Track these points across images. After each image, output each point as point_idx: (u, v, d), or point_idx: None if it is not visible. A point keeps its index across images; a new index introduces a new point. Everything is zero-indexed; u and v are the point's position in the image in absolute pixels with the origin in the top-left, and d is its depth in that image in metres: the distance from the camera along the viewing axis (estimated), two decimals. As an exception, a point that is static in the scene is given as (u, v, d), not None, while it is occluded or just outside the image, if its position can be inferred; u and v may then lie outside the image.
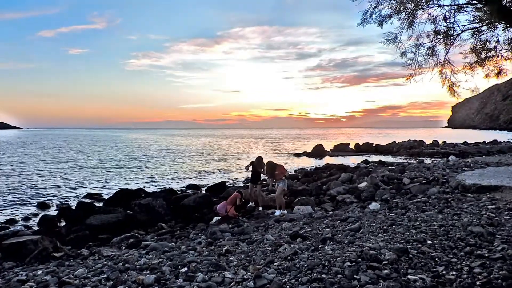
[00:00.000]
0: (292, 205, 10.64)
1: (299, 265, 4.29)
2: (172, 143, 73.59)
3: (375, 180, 12.49)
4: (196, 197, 12.29)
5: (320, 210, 9.84)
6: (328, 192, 12.51)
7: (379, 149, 41.17)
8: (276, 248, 5.38)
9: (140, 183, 19.94)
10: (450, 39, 7.24)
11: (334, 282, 3.70)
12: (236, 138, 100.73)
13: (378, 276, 3.79)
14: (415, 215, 6.84)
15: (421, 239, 5.04)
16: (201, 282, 4.02)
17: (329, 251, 4.77)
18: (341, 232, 6.18)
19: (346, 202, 10.73)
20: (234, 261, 4.96)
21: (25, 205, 14.43)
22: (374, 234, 5.70)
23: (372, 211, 8.07)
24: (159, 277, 4.23)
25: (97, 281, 4.42)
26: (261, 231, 7.61)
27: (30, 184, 19.52)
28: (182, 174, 24.50)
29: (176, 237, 7.96)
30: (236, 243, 6.21)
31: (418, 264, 4.13)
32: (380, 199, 10.05)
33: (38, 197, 16.03)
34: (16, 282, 4.78)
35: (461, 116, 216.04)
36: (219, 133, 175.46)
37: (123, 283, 4.16)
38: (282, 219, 8.60)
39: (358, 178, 15.30)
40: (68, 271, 5.16)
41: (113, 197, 13.87)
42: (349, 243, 5.21)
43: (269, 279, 3.88)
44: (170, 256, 5.53)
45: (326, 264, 4.24)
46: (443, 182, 10.86)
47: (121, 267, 4.94)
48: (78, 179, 21.76)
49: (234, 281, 4.00)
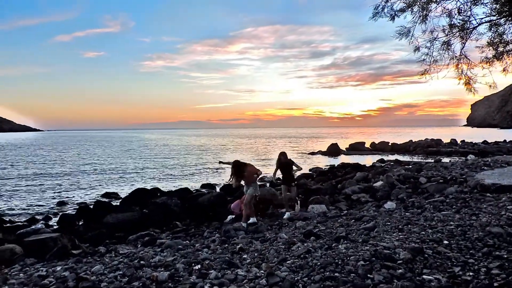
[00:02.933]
0: (306, 204, 10.60)
1: (312, 264, 4.29)
2: (186, 143, 74.21)
3: (391, 179, 12.33)
4: (210, 196, 12.36)
5: (334, 209, 9.78)
6: (343, 191, 12.42)
7: (395, 148, 40.60)
8: (290, 247, 5.38)
9: (155, 183, 20.18)
10: (466, 33, 7.06)
11: (347, 280, 3.68)
12: (251, 138, 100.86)
13: (392, 276, 3.76)
14: (432, 214, 6.74)
15: (437, 239, 4.97)
16: (214, 279, 4.06)
17: (343, 250, 4.75)
18: (355, 231, 6.13)
19: (361, 201, 10.63)
20: (247, 259, 4.98)
21: (45, 204, 14.79)
22: (389, 233, 5.64)
23: (387, 210, 7.98)
24: (173, 274, 4.29)
25: (113, 277, 4.51)
26: (274, 229, 7.61)
27: (50, 184, 19.99)
28: (197, 173, 24.69)
29: (191, 235, 8.03)
30: (249, 241, 6.23)
31: (434, 264, 4.07)
32: (395, 198, 9.92)
33: (58, 196, 16.41)
34: (37, 277, 4.91)
35: (481, 114, 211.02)
36: (234, 133, 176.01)
37: (138, 280, 4.23)
38: (296, 218, 8.58)
39: (373, 177, 15.13)
40: (86, 267, 5.27)
41: (129, 196, 14.09)
42: (363, 242, 5.17)
43: (281, 277, 3.88)
44: (184, 254, 5.59)
45: (339, 263, 4.22)
46: (461, 181, 10.65)
47: (136, 264, 5.02)
48: (96, 179, 22.17)
49: (246, 279, 4.02)
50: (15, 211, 13.54)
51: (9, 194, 16.84)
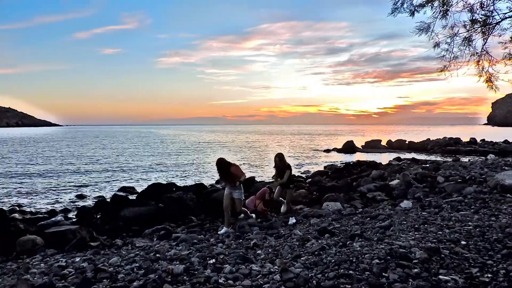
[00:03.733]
0: (321, 201, 10.56)
1: (326, 261, 4.29)
2: (202, 139, 74.70)
3: (408, 178, 12.16)
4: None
5: (349, 207, 9.72)
6: (358, 189, 12.31)
7: (412, 146, 39.96)
8: (304, 243, 5.38)
9: (171, 178, 20.43)
10: (488, 28, 6.86)
11: (361, 278, 3.67)
12: (266, 134, 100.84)
13: (408, 275, 3.72)
14: (449, 214, 6.64)
15: (454, 239, 4.89)
16: (229, 273, 4.10)
17: (357, 248, 4.73)
18: (370, 229, 6.10)
19: (377, 200, 10.53)
20: (261, 254, 5.01)
21: (64, 197, 15.16)
22: (405, 232, 5.58)
23: (403, 209, 7.89)
24: (188, 267, 4.35)
25: (130, 269, 4.61)
26: (289, 226, 7.62)
27: (69, 178, 20.45)
28: (212, 169, 24.84)
29: (205, 230, 8.11)
30: (263, 237, 6.26)
31: (451, 265, 4.02)
32: (412, 197, 9.79)
33: (76, 189, 16.78)
34: (56, 268, 5.06)
35: (502, 113, 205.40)
36: (249, 129, 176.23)
37: (154, 272, 4.30)
38: (311, 215, 8.56)
39: (389, 175, 14.95)
40: (103, 259, 5.39)
41: (145, 190, 14.29)
42: (378, 240, 5.14)
43: (295, 273, 3.90)
44: (199, 248, 5.66)
45: (353, 261, 4.21)
46: (481, 181, 10.43)
47: (152, 257, 5.11)
48: (113, 173, 22.57)
49: (261, 274, 4.05)
50: (36, 203, 13.92)
51: (30, 187, 17.32)
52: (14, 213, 12.01)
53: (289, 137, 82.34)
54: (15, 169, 24.20)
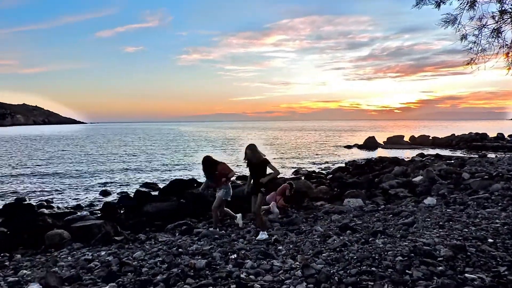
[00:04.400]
0: (342, 198, 10.47)
1: (348, 257, 4.26)
2: (222, 135, 75.14)
3: (432, 174, 11.90)
4: (246, 188, 12.48)
5: (371, 203, 9.59)
6: (380, 186, 12.14)
7: (436, 142, 39.05)
8: (325, 239, 5.36)
9: (193, 174, 20.66)
10: (518, 19, 6.62)
11: (384, 275, 3.62)
12: (286, 130, 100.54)
13: (432, 273, 3.66)
14: (475, 211, 6.48)
15: (481, 237, 4.77)
16: (250, 268, 4.13)
17: (380, 245, 4.68)
18: (393, 226, 6.01)
19: (399, 196, 10.36)
20: (282, 250, 5.02)
21: (89, 192, 15.58)
22: (429, 229, 5.48)
23: (427, 206, 7.74)
24: (210, 262, 4.41)
25: (153, 263, 4.70)
26: (310, 222, 7.60)
27: (94, 174, 20.98)
28: (233, 165, 24.96)
29: (226, 226, 8.17)
30: (284, 233, 6.27)
31: (477, 263, 3.92)
32: (436, 194, 9.58)
33: (101, 186, 17.21)
34: (83, 261, 5.22)
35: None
36: (269, 126, 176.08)
37: (176, 266, 4.38)
38: (332, 211, 8.50)
39: (412, 171, 14.67)
40: (128, 253, 5.52)
41: (167, 186, 14.52)
42: (402, 237, 5.06)
43: (317, 269, 3.89)
44: (220, 243, 5.72)
45: (376, 258, 4.17)
46: (508, 178, 10.11)
47: (175, 252, 5.20)
48: (136, 170, 23.02)
49: (282, 270, 4.06)
50: (63, 199, 14.36)
51: (57, 184, 17.88)
52: (42, 208, 12.42)
53: (310, 133, 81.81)
54: (42, 165, 25.02)
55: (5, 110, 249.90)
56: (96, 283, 4.14)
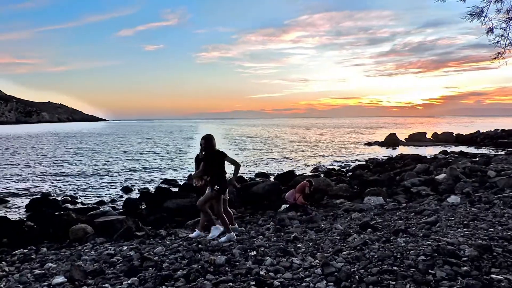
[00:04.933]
0: (362, 196, 10.34)
1: (369, 256, 4.20)
2: (240, 132, 75.35)
3: (455, 172, 11.61)
4: (265, 185, 12.50)
5: (392, 201, 9.44)
6: (402, 183, 11.93)
7: (460, 139, 38.04)
8: (345, 238, 5.31)
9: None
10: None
11: (406, 275, 3.56)
12: (305, 128, 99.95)
13: (456, 273, 3.57)
14: (502, 211, 6.28)
15: (508, 237, 4.62)
16: (270, 265, 4.12)
17: (402, 244, 4.59)
18: (415, 225, 5.89)
19: (422, 195, 10.15)
20: (302, 248, 4.99)
21: (112, 189, 15.92)
22: (453, 228, 5.35)
23: (450, 205, 7.55)
24: (229, 259, 4.43)
25: (174, 259, 4.76)
26: (329, 220, 7.54)
27: (116, 171, 21.43)
28: (251, 162, 25.02)
29: (246, 223, 8.20)
30: (304, 230, 6.23)
31: (504, 264, 3.80)
32: (460, 192, 9.34)
33: (123, 182, 17.56)
34: (106, 255, 5.33)
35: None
36: (288, 123, 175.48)
37: (197, 262, 4.42)
38: (352, 209, 8.41)
39: (435, 169, 14.34)
40: (149, 248, 5.61)
41: (187, 183, 14.68)
42: (424, 236, 4.96)
43: (337, 268, 3.85)
44: (239, 240, 5.74)
45: (398, 257, 4.09)
46: (537, 175, 9.75)
47: (195, 248, 5.25)
48: (156, 167, 23.37)
49: (301, 267, 4.04)
50: (86, 195, 14.72)
51: (81, 180, 18.35)
52: (67, 203, 12.80)
53: (329, 130, 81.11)
54: (67, 162, 25.72)
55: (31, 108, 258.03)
56: (118, 277, 4.22)
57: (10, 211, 11.70)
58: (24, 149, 37.62)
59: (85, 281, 4.17)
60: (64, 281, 4.17)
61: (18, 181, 17.59)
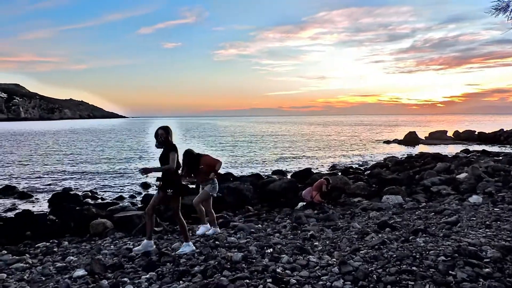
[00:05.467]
0: (381, 194, 10.20)
1: (387, 255, 4.14)
2: (258, 130, 75.38)
3: (477, 171, 11.31)
4: (282, 183, 12.47)
5: (411, 200, 9.28)
6: (421, 182, 11.71)
7: (482, 137, 37.03)
8: (363, 237, 5.25)
9: (228, 168, 20.89)
10: None
11: (425, 276, 3.49)
12: (323, 125, 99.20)
13: (478, 274, 3.48)
14: (526, 211, 6.09)
15: (532, 238, 4.48)
16: (286, 263, 4.12)
17: (421, 244, 4.52)
18: (435, 224, 5.78)
19: (442, 194, 9.94)
20: (318, 246, 4.97)
21: (131, 184, 16.19)
22: (474, 229, 5.23)
23: (472, 205, 7.37)
24: (246, 256, 4.44)
25: (191, 254, 4.81)
26: (347, 218, 7.46)
27: (135, 166, 21.77)
28: (268, 159, 25.00)
29: (262, 220, 8.20)
30: (321, 229, 6.19)
31: (528, 265, 3.68)
32: (482, 192, 9.10)
33: (141, 178, 17.82)
34: (124, 250, 5.43)
35: None
36: (306, 120, 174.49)
37: (213, 258, 4.45)
38: (370, 208, 8.30)
39: (456, 168, 14.02)
40: (166, 244, 5.69)
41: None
42: (444, 236, 4.87)
43: (354, 267, 3.81)
44: (256, 237, 5.75)
45: (417, 257, 4.03)
46: None
47: (211, 244, 5.29)
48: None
49: (318, 265, 4.02)
50: (106, 190, 15.02)
51: (101, 175, 18.74)
52: (87, 198, 13.09)
53: (347, 128, 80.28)
54: (87, 158, 26.28)
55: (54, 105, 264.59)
56: (137, 272, 4.30)
57: (33, 206, 12.05)
58: (47, 145, 38.67)
59: (105, 275, 4.26)
60: (84, 274, 4.27)
61: (41, 177, 18.08)
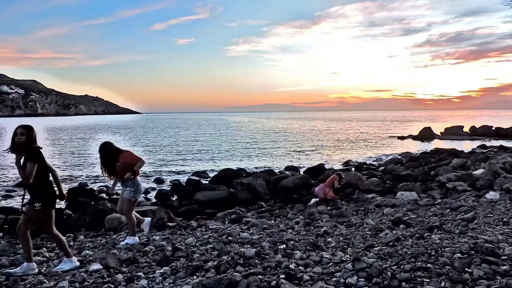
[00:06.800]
0: (395, 191, 10.09)
1: (402, 252, 4.10)
2: (270, 126, 75.30)
3: (495, 167, 11.08)
4: (295, 179, 12.45)
5: (426, 197, 9.15)
6: (437, 179, 11.53)
7: (500, 132, 36.27)
8: (377, 233, 5.20)
9: (241, 163, 20.95)
10: None
11: (441, 273, 3.44)
12: (336, 121, 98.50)
13: (495, 272, 3.42)
14: (546, 208, 5.95)
15: (552, 236, 4.37)
16: (299, 259, 4.11)
17: (437, 240, 4.45)
18: (451, 221, 5.69)
19: (458, 190, 9.77)
20: (332, 242, 4.94)
21: (144, 180, 16.37)
22: (491, 226, 5.13)
23: (489, 201, 7.23)
24: (259, 251, 4.45)
25: (204, 250, 4.84)
26: (360, 215, 7.41)
27: (149, 162, 22.02)
28: (281, 155, 24.98)
29: (275, 216, 8.21)
30: (334, 225, 6.16)
31: (547, 264, 3.60)
32: (499, 188, 8.92)
33: (155, 173, 18.02)
34: (139, 245, 5.50)
35: None
36: (318, 116, 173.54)
37: (226, 254, 4.47)
38: (384, 204, 8.22)
39: (473, 164, 13.76)
40: (180, 239, 5.73)
41: (217, 175, 14.87)
42: (460, 233, 4.79)
43: (368, 263, 3.78)
44: (269, 233, 5.75)
45: (432, 254, 3.97)
46: None
47: (224, 240, 5.31)
48: (187, 159, 23.81)
49: (332, 262, 4.00)
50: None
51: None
52: (102, 193, 13.27)
53: (361, 123, 79.55)
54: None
55: (70, 101, 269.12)
56: (151, 266, 4.35)
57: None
58: (63, 140, 39.36)
59: (120, 269, 4.32)
60: (100, 268, 4.35)
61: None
